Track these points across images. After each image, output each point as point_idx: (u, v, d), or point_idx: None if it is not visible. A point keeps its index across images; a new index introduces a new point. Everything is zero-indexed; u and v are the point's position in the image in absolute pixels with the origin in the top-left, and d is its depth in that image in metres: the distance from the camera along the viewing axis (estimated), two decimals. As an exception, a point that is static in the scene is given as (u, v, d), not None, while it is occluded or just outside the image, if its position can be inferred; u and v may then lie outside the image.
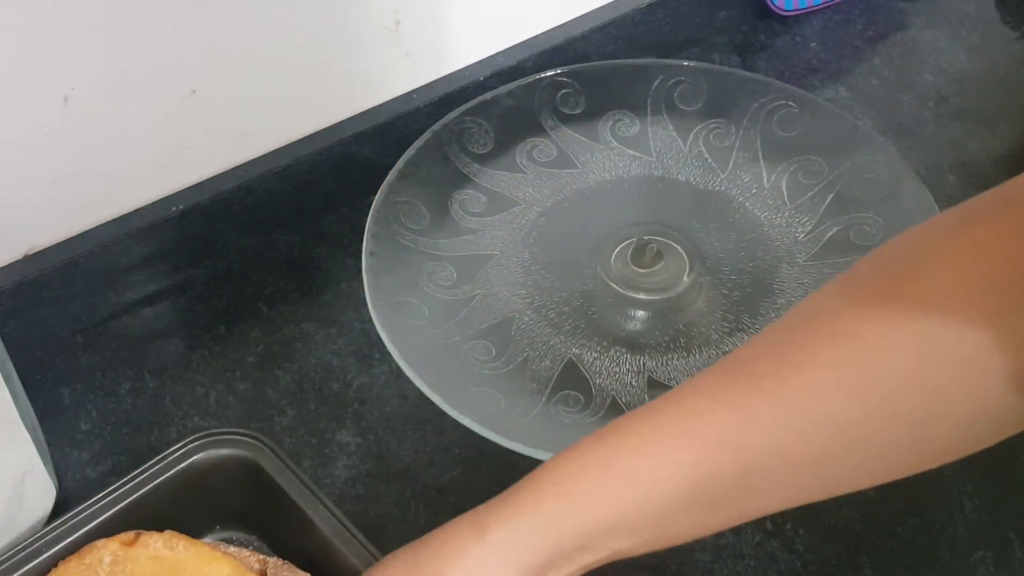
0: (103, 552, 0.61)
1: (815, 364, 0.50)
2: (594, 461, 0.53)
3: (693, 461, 0.51)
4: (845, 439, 0.50)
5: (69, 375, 0.80)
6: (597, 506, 0.52)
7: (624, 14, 1.00)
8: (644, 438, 0.52)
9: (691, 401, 0.52)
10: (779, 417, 0.50)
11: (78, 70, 0.74)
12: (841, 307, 0.52)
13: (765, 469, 0.51)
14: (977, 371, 0.48)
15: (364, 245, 0.79)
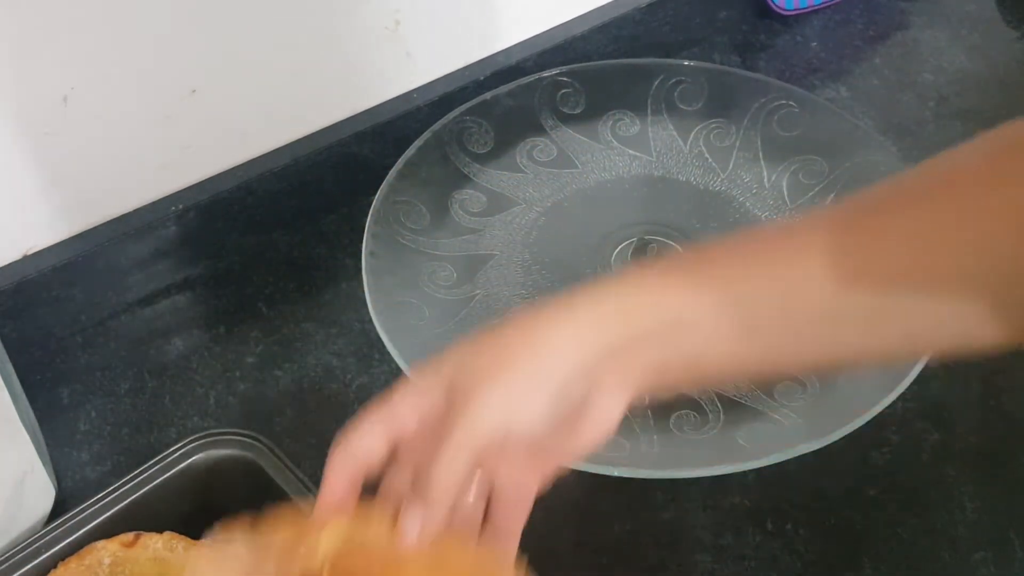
0: (103, 553, 0.61)
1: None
2: (711, 259, 0.53)
3: (829, 277, 0.50)
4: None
5: (69, 375, 0.80)
6: (695, 297, 0.52)
7: (624, 14, 1.00)
8: (778, 246, 0.52)
9: (825, 223, 0.52)
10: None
11: (78, 70, 0.74)
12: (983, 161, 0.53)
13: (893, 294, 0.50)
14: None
15: (364, 245, 0.79)
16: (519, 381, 0.52)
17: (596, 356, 0.52)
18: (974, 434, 0.76)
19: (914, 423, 0.76)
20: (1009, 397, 0.78)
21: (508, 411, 0.52)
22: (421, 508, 0.52)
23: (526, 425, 0.52)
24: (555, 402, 0.52)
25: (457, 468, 0.52)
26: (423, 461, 0.52)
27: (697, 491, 0.73)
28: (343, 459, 0.55)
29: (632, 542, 0.71)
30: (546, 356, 0.53)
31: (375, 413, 0.55)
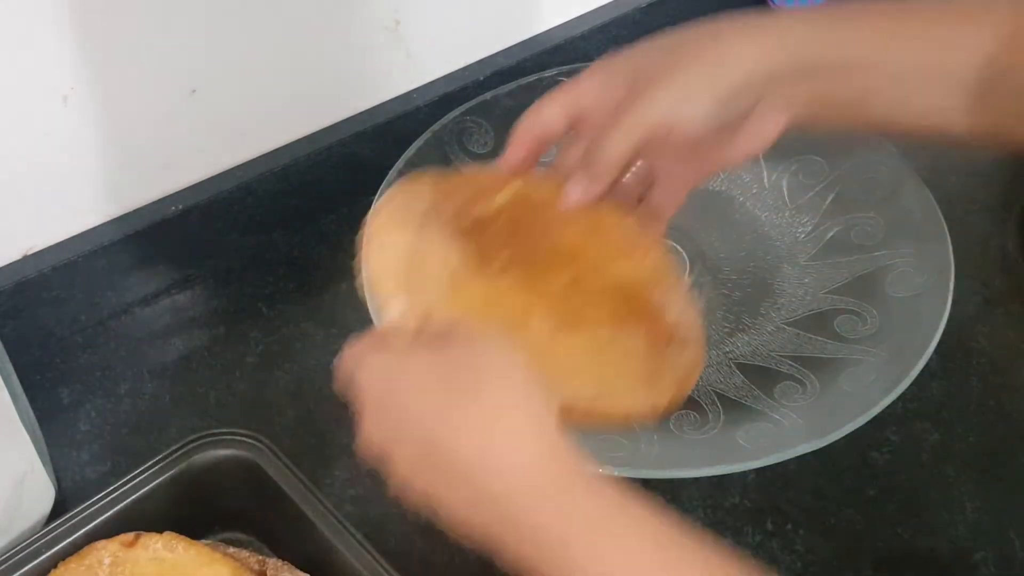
0: (103, 553, 0.61)
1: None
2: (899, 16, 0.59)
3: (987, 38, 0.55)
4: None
5: (68, 375, 0.80)
6: (881, 42, 0.58)
7: (624, 14, 1.00)
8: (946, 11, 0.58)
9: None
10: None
11: (78, 70, 0.74)
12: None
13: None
14: None
15: (364, 245, 0.79)
16: (692, 81, 0.58)
17: (769, 74, 0.58)
18: (974, 434, 0.76)
19: (914, 423, 0.76)
20: (1009, 397, 0.78)
21: (676, 106, 0.58)
22: (586, 177, 0.61)
23: (690, 122, 0.59)
24: (720, 107, 0.59)
25: (622, 147, 0.59)
26: (594, 137, 0.60)
27: (697, 491, 0.73)
28: (528, 126, 0.64)
29: (632, 542, 0.70)
30: (723, 63, 0.58)
31: (560, 90, 0.63)
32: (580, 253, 0.66)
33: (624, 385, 0.63)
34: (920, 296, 0.75)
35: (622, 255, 0.66)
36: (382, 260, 0.63)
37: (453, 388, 0.49)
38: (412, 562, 0.69)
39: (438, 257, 0.64)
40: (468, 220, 0.65)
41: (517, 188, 0.66)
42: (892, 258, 0.79)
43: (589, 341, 0.64)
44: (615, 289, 0.66)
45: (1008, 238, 0.89)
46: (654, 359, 0.64)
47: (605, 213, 0.66)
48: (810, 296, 0.79)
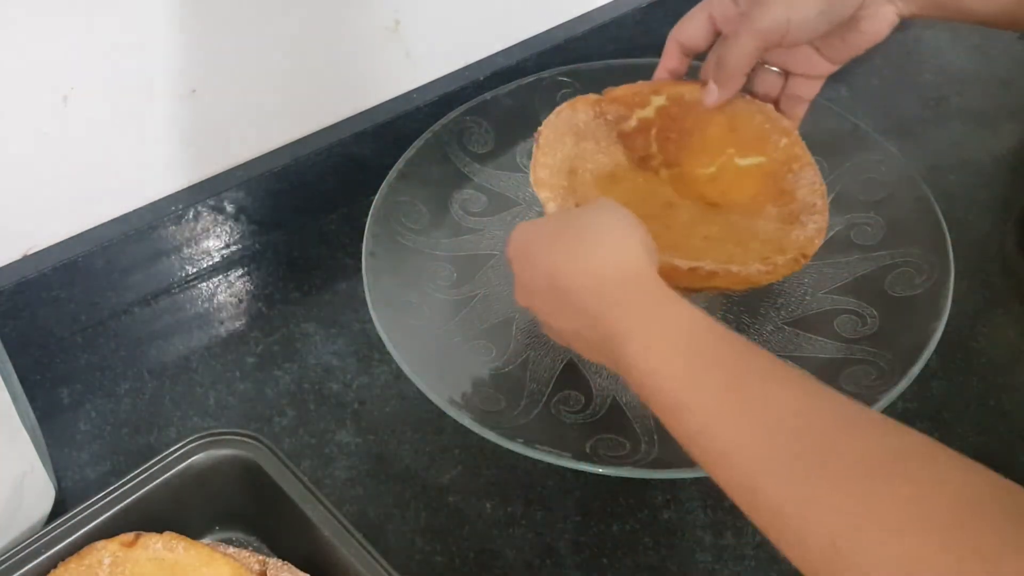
0: (103, 553, 0.61)
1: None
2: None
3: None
4: None
5: (69, 375, 0.80)
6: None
7: (624, 14, 1.00)
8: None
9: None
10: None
11: (78, 70, 0.74)
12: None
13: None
14: None
15: (364, 245, 0.79)
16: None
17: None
18: (974, 434, 0.76)
19: (914, 423, 0.75)
20: (1009, 397, 0.78)
21: (786, 12, 0.69)
22: (717, 82, 0.74)
23: (800, 25, 0.69)
24: (831, 7, 0.69)
25: (743, 54, 0.71)
26: (721, 47, 0.73)
27: (697, 491, 0.73)
28: (675, 36, 0.76)
29: (632, 542, 0.71)
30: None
31: (699, 5, 0.74)
32: (723, 146, 0.78)
33: (748, 259, 0.71)
34: (920, 296, 0.75)
35: (757, 144, 0.77)
36: (545, 168, 0.74)
37: (565, 237, 0.62)
38: (412, 562, 0.70)
39: (597, 161, 0.76)
40: (628, 125, 0.78)
41: (670, 91, 0.78)
42: (892, 258, 0.79)
43: (723, 229, 0.74)
44: (753, 175, 0.77)
45: (1008, 238, 0.89)
46: (782, 235, 0.73)
47: (741, 109, 0.77)
48: (810, 296, 0.79)
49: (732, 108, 0.77)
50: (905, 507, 0.43)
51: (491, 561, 0.70)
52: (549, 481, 0.74)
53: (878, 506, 0.44)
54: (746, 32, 0.70)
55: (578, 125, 0.77)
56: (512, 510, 0.72)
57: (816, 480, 0.46)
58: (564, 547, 0.70)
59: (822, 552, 0.44)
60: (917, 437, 0.47)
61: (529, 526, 0.72)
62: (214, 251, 0.87)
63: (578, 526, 0.71)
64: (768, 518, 0.48)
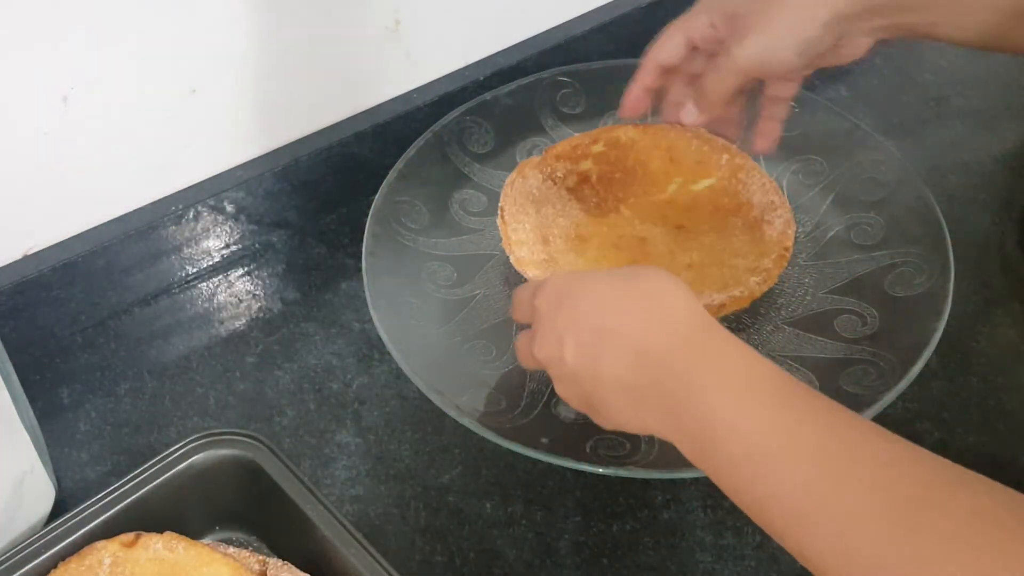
0: (103, 553, 0.61)
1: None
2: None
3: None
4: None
5: (69, 375, 0.80)
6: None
7: (624, 14, 1.00)
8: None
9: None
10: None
11: (78, 70, 0.74)
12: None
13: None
14: None
15: (364, 245, 0.79)
16: (780, 27, 0.70)
17: (847, 15, 0.69)
18: (974, 434, 0.76)
19: (914, 423, 0.76)
20: (1009, 397, 0.78)
21: (766, 49, 0.70)
22: (697, 106, 0.76)
23: (780, 62, 0.71)
24: (806, 47, 0.70)
25: (725, 86, 0.73)
26: (703, 75, 0.74)
27: (697, 491, 0.73)
28: (654, 54, 0.77)
29: (632, 542, 0.71)
30: (806, 9, 0.69)
31: (676, 25, 0.75)
32: (668, 176, 0.82)
33: (740, 277, 0.75)
34: (920, 296, 0.75)
35: (701, 168, 0.81)
36: (522, 245, 0.78)
37: (618, 286, 0.59)
38: (412, 562, 0.70)
39: (560, 225, 0.80)
40: (571, 181, 0.82)
41: (604, 137, 0.83)
42: (892, 258, 0.79)
43: (701, 254, 0.77)
44: (707, 196, 0.81)
45: (1008, 238, 0.89)
46: (756, 242, 0.78)
47: (675, 139, 0.82)
48: (810, 296, 0.79)
49: (667, 140, 0.82)
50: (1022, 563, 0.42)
51: (491, 561, 0.70)
52: (549, 481, 0.74)
53: (993, 562, 0.42)
54: (726, 68, 0.72)
55: (532, 192, 0.81)
56: (512, 510, 0.72)
57: (926, 539, 0.44)
58: (564, 547, 0.70)
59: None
60: (1017, 493, 0.45)
61: (529, 526, 0.72)
62: (214, 251, 0.87)
63: (578, 526, 0.71)
64: (871, 567, 0.45)
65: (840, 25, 0.70)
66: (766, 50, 0.71)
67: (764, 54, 0.71)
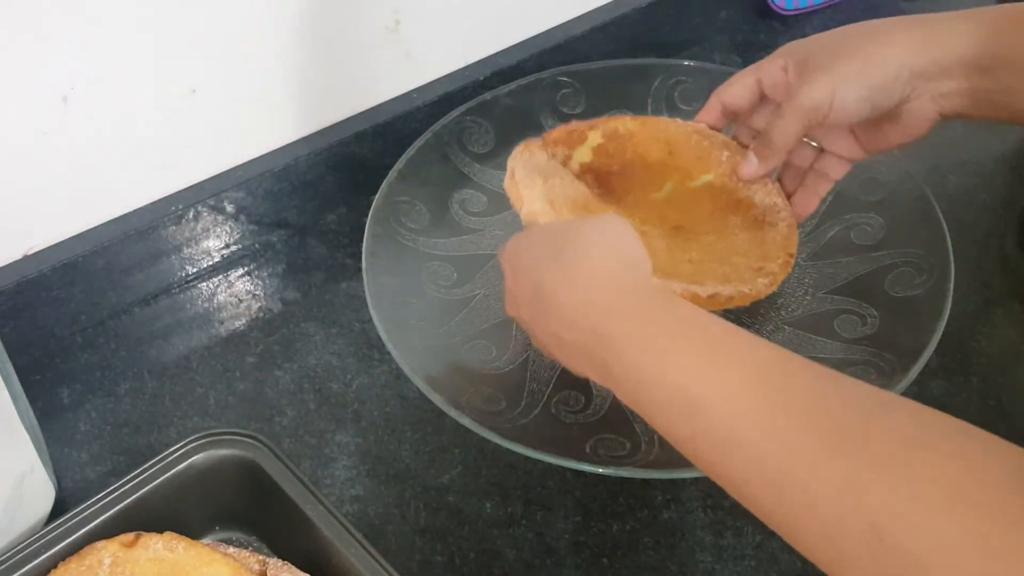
0: (103, 553, 0.61)
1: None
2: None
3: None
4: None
5: (69, 375, 0.80)
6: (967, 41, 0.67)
7: (624, 14, 1.00)
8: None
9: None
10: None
11: (78, 70, 0.74)
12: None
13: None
14: None
15: (364, 245, 0.79)
16: (847, 72, 0.68)
17: (916, 70, 0.68)
18: (974, 434, 0.76)
19: (914, 423, 0.76)
20: (1009, 397, 0.78)
21: (832, 93, 0.68)
22: (763, 151, 0.74)
23: (843, 108, 0.69)
24: (872, 95, 0.68)
25: (788, 131, 0.71)
26: (770, 119, 0.73)
27: (697, 491, 0.73)
28: (721, 93, 0.76)
29: (632, 542, 0.71)
30: (874, 58, 0.68)
31: (750, 69, 0.75)
32: (667, 172, 0.80)
33: (743, 275, 0.73)
34: (920, 296, 0.75)
35: (701, 164, 0.79)
36: (534, 201, 0.74)
37: (556, 245, 0.61)
38: (412, 562, 0.70)
39: (567, 194, 0.77)
40: (573, 167, 0.80)
41: (603, 127, 0.81)
42: (892, 258, 0.79)
43: (701, 250, 0.76)
44: (706, 194, 0.79)
45: (1008, 238, 0.89)
46: (758, 243, 0.76)
47: (674, 133, 0.80)
48: (810, 296, 0.79)
49: (666, 134, 0.80)
50: (952, 484, 0.42)
51: (491, 561, 0.70)
52: (549, 481, 0.74)
53: (923, 485, 0.43)
54: (791, 111, 0.70)
55: (539, 166, 0.79)
56: (512, 510, 0.72)
57: (855, 462, 0.45)
58: (564, 547, 0.70)
59: (861, 538, 0.43)
60: (948, 417, 0.47)
61: (529, 526, 0.72)
62: (214, 251, 0.87)
63: (578, 526, 0.71)
64: (798, 511, 0.46)
65: (909, 81, 0.68)
66: (830, 93, 0.69)
67: (827, 96, 0.69)
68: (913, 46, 0.68)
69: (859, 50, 0.69)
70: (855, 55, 0.69)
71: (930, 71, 0.68)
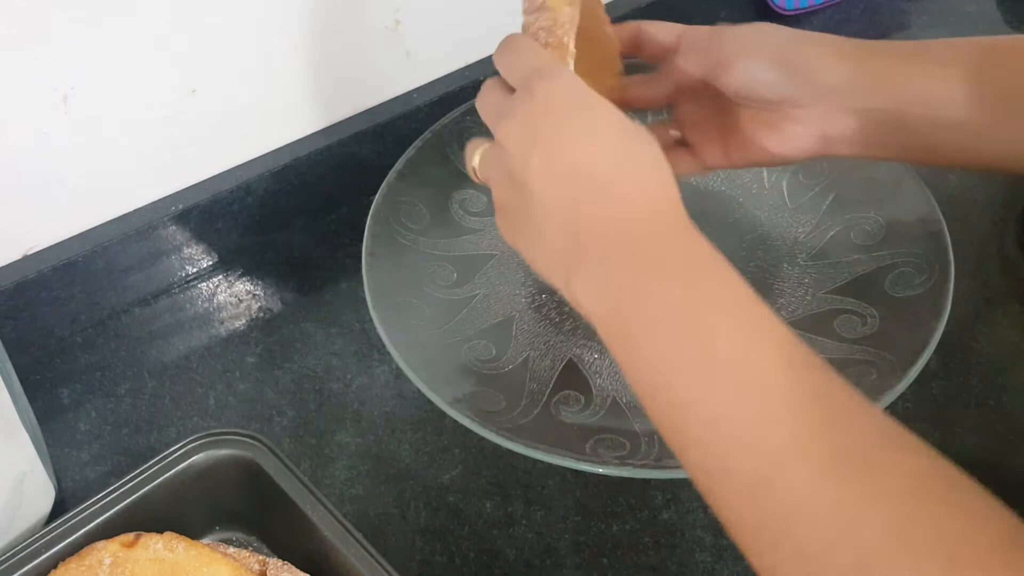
0: (103, 553, 0.61)
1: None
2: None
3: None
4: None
5: (69, 375, 0.80)
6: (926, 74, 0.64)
7: (624, 14, 0.99)
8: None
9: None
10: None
11: (78, 70, 0.74)
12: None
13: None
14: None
15: (364, 245, 0.79)
16: (766, 42, 0.66)
17: (837, 75, 0.64)
18: (974, 434, 0.76)
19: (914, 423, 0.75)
20: (1009, 397, 0.78)
21: (744, 51, 0.66)
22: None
23: (750, 69, 0.65)
24: (782, 71, 0.65)
25: (688, 64, 0.69)
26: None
27: (697, 491, 0.73)
28: (643, 22, 0.70)
29: (632, 542, 0.71)
30: (801, 44, 0.66)
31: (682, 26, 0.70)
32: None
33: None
34: (920, 296, 0.75)
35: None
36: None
37: (621, 144, 0.53)
38: (412, 562, 0.70)
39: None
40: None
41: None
42: (892, 258, 0.79)
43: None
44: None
45: (1008, 238, 0.89)
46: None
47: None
48: (810, 296, 0.79)
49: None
50: (950, 537, 0.41)
51: (491, 561, 0.70)
52: (549, 481, 0.74)
53: (921, 531, 0.41)
54: (695, 49, 0.69)
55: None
56: (512, 510, 0.72)
57: (852, 490, 0.42)
58: (564, 547, 0.70)
59: (844, 570, 0.41)
60: (954, 469, 0.44)
61: (529, 526, 0.72)
62: (214, 251, 0.87)
63: (578, 526, 0.71)
64: (788, 512, 0.44)
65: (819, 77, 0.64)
66: (740, 50, 0.66)
67: (735, 54, 0.66)
68: (846, 59, 0.65)
69: (784, 37, 0.66)
70: (779, 37, 0.66)
71: (851, 82, 0.64)
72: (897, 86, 0.64)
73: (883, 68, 0.65)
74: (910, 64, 0.65)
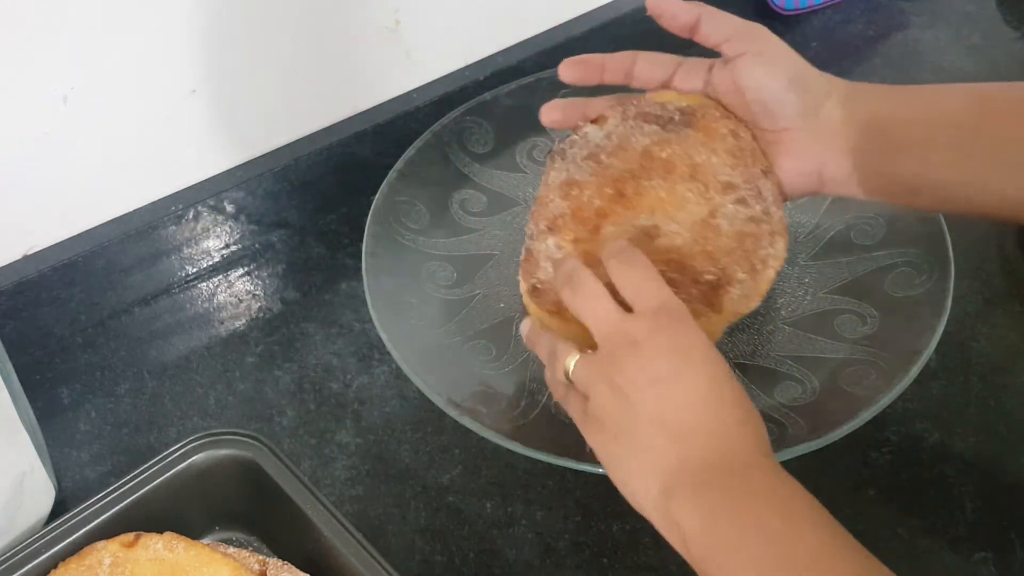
0: (103, 553, 0.61)
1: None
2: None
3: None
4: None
5: (69, 375, 0.80)
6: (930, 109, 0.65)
7: (624, 14, 1.00)
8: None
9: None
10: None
11: (78, 70, 0.74)
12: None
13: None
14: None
15: (364, 245, 0.79)
16: (779, 54, 0.66)
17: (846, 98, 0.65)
18: (974, 434, 0.76)
19: (914, 423, 0.76)
20: (1009, 397, 0.78)
21: (756, 60, 0.66)
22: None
23: (757, 76, 0.65)
24: (791, 84, 0.65)
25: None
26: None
27: (697, 491, 0.73)
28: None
29: (632, 542, 0.71)
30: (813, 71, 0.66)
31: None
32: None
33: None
34: (920, 296, 0.75)
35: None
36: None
37: (662, 380, 0.56)
38: (412, 562, 0.70)
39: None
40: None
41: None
42: (892, 258, 0.79)
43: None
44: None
45: (1008, 238, 0.89)
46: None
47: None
48: (810, 296, 0.79)
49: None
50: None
51: (491, 561, 0.70)
52: (549, 481, 0.74)
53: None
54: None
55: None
56: (512, 510, 0.72)
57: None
58: (564, 547, 0.70)
59: None
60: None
61: (529, 526, 0.72)
62: (214, 251, 0.87)
63: (578, 526, 0.71)
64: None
65: (828, 97, 0.65)
66: (752, 58, 0.65)
67: (748, 61, 0.65)
68: (847, 101, 0.65)
69: (804, 63, 0.66)
70: (800, 59, 0.66)
71: (848, 121, 0.65)
72: (890, 132, 0.65)
73: (878, 112, 0.65)
74: (906, 108, 0.66)
